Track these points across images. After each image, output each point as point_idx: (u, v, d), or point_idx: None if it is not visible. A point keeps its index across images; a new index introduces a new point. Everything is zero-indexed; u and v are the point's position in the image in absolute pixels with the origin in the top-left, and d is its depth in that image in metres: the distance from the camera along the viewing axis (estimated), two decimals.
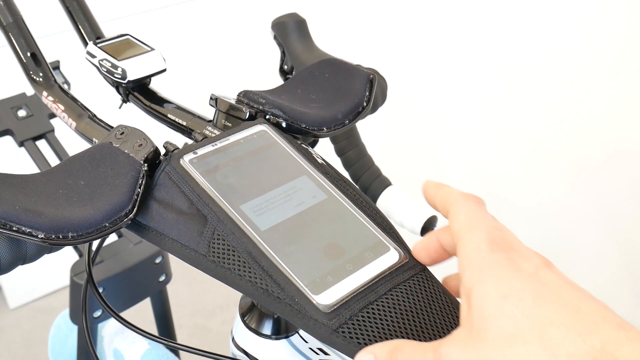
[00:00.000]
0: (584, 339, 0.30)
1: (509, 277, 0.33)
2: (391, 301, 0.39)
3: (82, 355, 0.82)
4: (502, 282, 0.32)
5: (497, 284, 0.32)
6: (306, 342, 0.52)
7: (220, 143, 0.48)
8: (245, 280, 0.40)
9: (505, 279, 0.33)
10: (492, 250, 0.34)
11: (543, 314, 0.31)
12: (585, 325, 0.30)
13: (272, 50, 0.70)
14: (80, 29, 0.66)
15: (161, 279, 0.85)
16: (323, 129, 0.52)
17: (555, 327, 0.30)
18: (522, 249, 0.35)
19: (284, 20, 0.67)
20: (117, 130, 0.48)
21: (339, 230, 0.43)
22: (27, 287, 1.83)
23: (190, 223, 0.42)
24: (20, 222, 0.39)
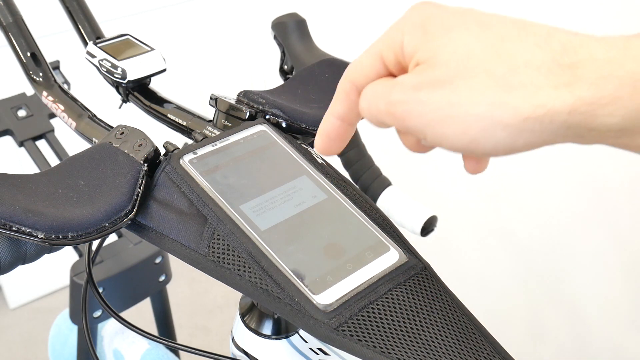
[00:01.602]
0: (541, 46, 0.29)
1: (447, 17, 0.31)
2: (391, 301, 0.39)
3: (82, 355, 0.82)
4: (443, 21, 0.31)
5: (439, 24, 0.31)
6: (306, 342, 0.52)
7: (220, 143, 0.48)
8: (245, 280, 0.40)
9: (444, 18, 0.31)
10: (419, 10, 0.32)
11: (492, 34, 0.30)
12: (538, 36, 0.29)
13: (272, 50, 0.70)
14: (80, 29, 0.66)
15: (161, 279, 0.85)
16: None
17: (508, 42, 0.29)
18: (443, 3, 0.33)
19: (284, 20, 0.67)
20: (117, 130, 0.48)
21: (339, 230, 0.43)
22: (27, 287, 1.83)
23: (190, 223, 0.42)
24: (20, 222, 0.39)
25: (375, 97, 0.33)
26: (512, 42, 0.29)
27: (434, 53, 0.30)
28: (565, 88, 0.28)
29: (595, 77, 0.27)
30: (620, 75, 0.27)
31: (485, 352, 0.38)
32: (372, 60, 0.34)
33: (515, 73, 0.28)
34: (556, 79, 0.28)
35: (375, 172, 0.73)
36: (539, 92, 0.28)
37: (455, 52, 0.30)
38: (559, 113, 0.28)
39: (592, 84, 0.27)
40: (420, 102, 0.30)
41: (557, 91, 0.28)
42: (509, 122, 0.28)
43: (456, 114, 0.29)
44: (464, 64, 0.30)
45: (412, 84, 0.31)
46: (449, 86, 0.30)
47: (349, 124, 0.36)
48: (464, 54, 0.30)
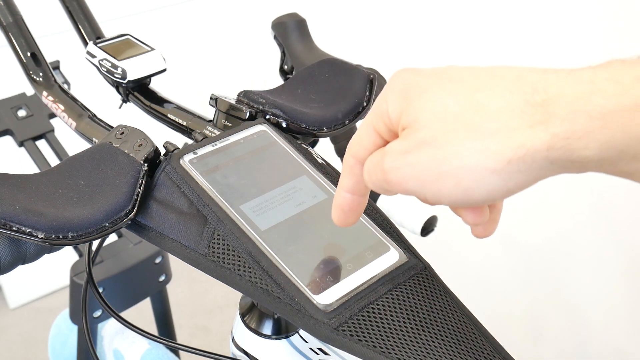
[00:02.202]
0: (511, 89, 0.30)
1: (423, 80, 0.33)
2: (391, 301, 0.39)
3: (82, 355, 0.82)
4: (419, 84, 0.32)
5: (416, 87, 0.32)
6: (306, 342, 0.52)
7: (220, 143, 0.48)
8: (245, 280, 0.40)
9: (421, 82, 0.33)
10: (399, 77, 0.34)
11: (465, 88, 0.31)
12: (508, 81, 0.30)
13: (272, 50, 0.70)
14: (80, 29, 0.66)
15: (161, 279, 0.85)
16: (323, 129, 0.52)
17: (480, 92, 0.30)
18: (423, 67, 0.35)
19: (284, 20, 0.67)
20: (117, 130, 0.48)
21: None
22: (27, 287, 1.82)
23: (190, 223, 0.42)
24: (20, 222, 0.39)
25: (373, 169, 0.34)
26: (484, 91, 0.30)
27: (415, 116, 0.32)
28: (539, 126, 0.28)
29: (566, 113, 0.28)
30: (588, 109, 0.27)
31: (485, 352, 0.38)
32: (367, 134, 0.35)
33: (490, 120, 0.29)
34: (530, 118, 0.29)
35: None
36: (516, 134, 0.29)
37: (433, 111, 0.31)
38: (538, 151, 0.28)
39: (564, 120, 0.28)
40: (410, 165, 0.32)
41: (532, 129, 0.28)
42: (495, 167, 0.29)
43: (445, 169, 0.30)
44: (443, 121, 0.31)
45: (400, 149, 0.32)
46: (433, 144, 0.31)
47: (360, 195, 0.37)
48: (441, 111, 0.31)
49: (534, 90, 0.29)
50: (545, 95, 0.29)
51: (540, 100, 0.28)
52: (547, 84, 0.29)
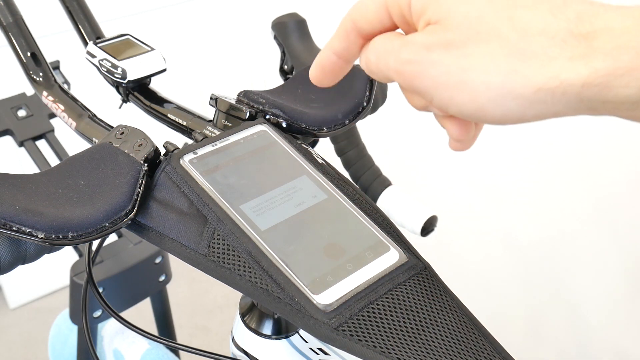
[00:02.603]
0: (555, 14, 0.28)
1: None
2: (392, 301, 0.39)
3: (82, 355, 0.82)
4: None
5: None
6: (306, 342, 0.52)
7: (220, 143, 0.48)
8: (245, 280, 0.40)
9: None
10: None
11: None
12: (554, 3, 0.28)
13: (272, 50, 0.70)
14: (80, 29, 0.66)
15: (161, 279, 0.85)
16: (323, 129, 0.52)
17: (522, 9, 0.29)
18: None
19: (284, 20, 0.67)
20: (117, 130, 0.48)
21: (339, 230, 0.43)
22: (27, 287, 1.83)
23: (190, 223, 0.42)
24: (20, 222, 0.39)
25: (385, 53, 0.32)
26: (526, 8, 0.29)
27: (446, 14, 0.30)
28: (580, 60, 0.27)
29: (611, 48, 0.26)
30: (635, 45, 0.26)
31: (485, 352, 0.38)
32: (377, 7, 0.33)
33: (528, 41, 0.28)
34: (571, 49, 0.27)
35: (375, 172, 0.73)
36: (553, 63, 0.27)
37: (467, 14, 0.29)
38: (572, 85, 0.27)
39: (607, 55, 0.26)
40: (432, 63, 0.30)
41: (571, 63, 0.27)
42: (520, 93, 0.28)
43: (467, 79, 0.29)
44: (477, 29, 0.29)
45: (423, 43, 0.30)
46: (462, 50, 0.29)
47: (345, 61, 0.36)
48: (477, 17, 0.29)
49: (579, 19, 0.27)
50: (591, 27, 0.27)
51: (585, 32, 0.27)
52: (594, 16, 0.27)
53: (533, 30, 0.28)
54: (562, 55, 0.27)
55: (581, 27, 0.27)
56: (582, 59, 0.27)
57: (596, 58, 0.27)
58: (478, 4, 0.29)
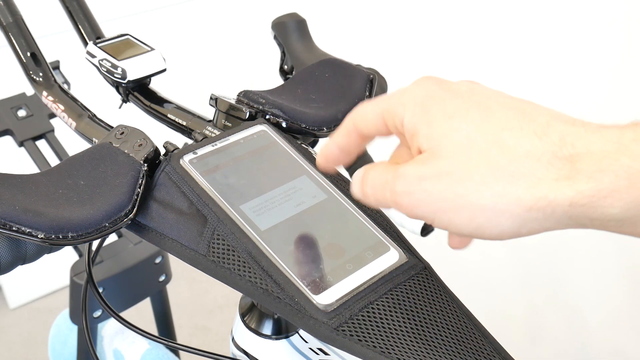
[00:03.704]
0: (540, 136, 0.30)
1: (449, 99, 0.33)
2: (391, 301, 0.39)
3: (82, 355, 0.82)
4: (444, 105, 0.32)
5: (440, 108, 0.32)
6: (306, 342, 0.52)
7: (220, 143, 0.48)
8: (245, 280, 0.40)
9: (446, 101, 0.32)
10: (422, 86, 0.34)
11: (493, 122, 0.31)
12: (538, 124, 0.30)
13: (272, 50, 0.70)
14: (80, 29, 0.66)
15: (161, 279, 0.85)
16: (323, 129, 0.52)
17: (508, 131, 0.30)
18: (447, 80, 0.35)
19: (284, 20, 0.67)
20: (117, 130, 0.48)
21: (339, 230, 0.43)
22: (27, 287, 1.82)
23: (190, 223, 0.42)
24: (20, 222, 0.39)
25: (381, 187, 0.34)
26: (512, 130, 0.30)
27: (438, 142, 0.32)
28: (565, 181, 0.29)
29: (593, 171, 0.28)
30: (615, 169, 0.28)
31: (485, 352, 0.38)
32: (375, 116, 0.36)
33: (516, 163, 0.29)
34: (556, 171, 0.29)
35: None
36: (541, 184, 0.29)
37: (457, 142, 0.31)
38: (560, 205, 0.29)
39: (590, 178, 0.28)
40: (426, 192, 0.32)
41: (557, 184, 0.29)
42: (513, 212, 0.29)
43: (463, 203, 0.31)
44: (467, 155, 0.31)
45: (416, 175, 0.32)
46: (453, 177, 0.31)
47: (347, 154, 0.39)
48: (466, 145, 0.31)
49: (563, 142, 0.29)
50: (573, 150, 0.29)
51: (568, 155, 0.29)
52: (576, 139, 0.29)
53: (520, 153, 0.30)
54: (549, 176, 0.29)
55: (564, 150, 0.29)
56: (567, 181, 0.28)
57: (580, 180, 0.28)
58: (467, 131, 0.31)
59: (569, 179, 0.28)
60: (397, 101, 0.34)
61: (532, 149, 0.29)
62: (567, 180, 0.28)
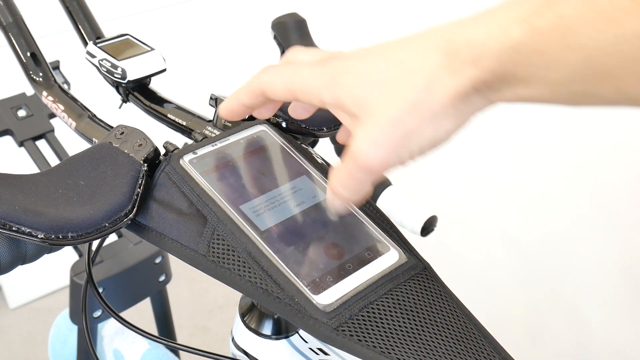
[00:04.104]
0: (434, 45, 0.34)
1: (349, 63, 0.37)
2: (391, 301, 0.39)
3: (82, 355, 0.82)
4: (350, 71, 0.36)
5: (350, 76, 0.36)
6: (306, 342, 0.52)
7: (220, 143, 0.48)
8: (245, 281, 0.40)
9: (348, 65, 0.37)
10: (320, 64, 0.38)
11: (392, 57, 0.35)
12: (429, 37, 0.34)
13: (272, 50, 0.70)
14: (80, 29, 0.66)
15: (161, 279, 0.85)
16: (323, 129, 0.52)
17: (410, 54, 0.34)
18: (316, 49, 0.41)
19: (284, 20, 0.67)
20: (117, 130, 0.48)
21: (339, 230, 0.43)
22: (27, 287, 1.82)
23: (190, 223, 0.42)
24: (20, 222, 0.39)
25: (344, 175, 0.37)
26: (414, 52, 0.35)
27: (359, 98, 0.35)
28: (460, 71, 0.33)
29: (472, 55, 0.32)
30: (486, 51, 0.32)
31: (485, 352, 0.38)
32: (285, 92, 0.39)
33: (420, 75, 0.34)
34: (451, 66, 0.33)
35: None
36: (447, 82, 0.33)
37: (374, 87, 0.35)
38: (467, 92, 0.33)
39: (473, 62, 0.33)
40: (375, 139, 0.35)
41: (455, 75, 0.33)
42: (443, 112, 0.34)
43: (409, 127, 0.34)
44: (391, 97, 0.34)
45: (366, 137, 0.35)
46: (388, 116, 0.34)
47: (251, 109, 0.43)
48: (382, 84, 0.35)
49: (449, 42, 0.33)
50: (456, 44, 0.33)
51: (453, 50, 0.33)
52: (456, 35, 0.33)
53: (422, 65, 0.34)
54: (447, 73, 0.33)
55: (450, 47, 0.33)
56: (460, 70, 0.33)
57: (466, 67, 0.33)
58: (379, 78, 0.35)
59: (460, 68, 0.33)
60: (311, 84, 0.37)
61: (430, 57, 0.34)
62: (460, 70, 0.33)
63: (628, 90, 0.30)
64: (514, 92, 0.33)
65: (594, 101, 0.32)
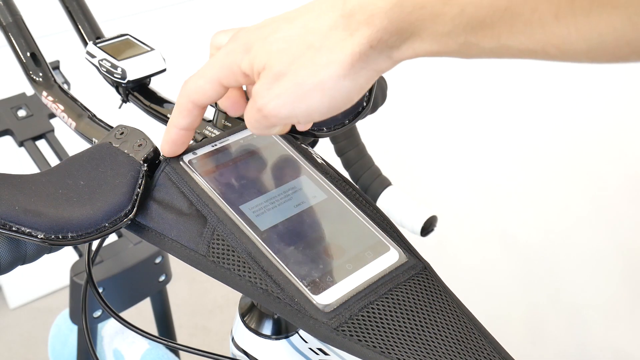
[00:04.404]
0: (332, 9, 0.36)
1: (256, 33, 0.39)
2: (391, 301, 0.39)
3: (82, 355, 0.82)
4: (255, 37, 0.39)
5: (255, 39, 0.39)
6: (306, 342, 0.52)
7: (220, 143, 0.48)
8: (245, 281, 0.40)
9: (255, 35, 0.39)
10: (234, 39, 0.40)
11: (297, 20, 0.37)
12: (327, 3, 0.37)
13: None
14: (80, 29, 0.66)
15: (161, 279, 0.85)
16: (323, 129, 0.52)
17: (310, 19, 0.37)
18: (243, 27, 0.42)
19: None
20: (116, 130, 0.48)
21: (339, 230, 0.43)
22: (27, 287, 1.82)
23: (190, 223, 0.42)
24: (20, 222, 0.39)
25: (250, 114, 0.39)
26: (312, 16, 0.37)
27: (266, 57, 0.37)
28: (356, 32, 0.35)
29: (366, 16, 0.35)
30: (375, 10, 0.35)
31: (485, 352, 0.38)
32: (212, 85, 0.40)
33: (325, 38, 0.36)
34: (349, 28, 0.35)
35: (375, 172, 0.73)
36: (346, 43, 0.35)
37: (278, 47, 0.37)
38: (364, 51, 0.35)
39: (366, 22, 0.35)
40: (277, 96, 0.37)
41: (352, 37, 0.35)
42: (343, 73, 0.35)
43: (307, 88, 0.36)
44: (289, 51, 0.36)
45: (264, 87, 0.37)
46: (290, 73, 0.36)
47: (193, 130, 0.44)
48: (285, 44, 0.37)
49: (344, 3, 0.35)
50: (351, 6, 0.35)
51: (349, 11, 0.35)
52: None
53: (324, 29, 0.36)
54: (346, 35, 0.35)
55: (345, 9, 0.36)
56: (357, 31, 0.35)
57: (362, 27, 0.35)
58: (281, 35, 0.37)
59: (357, 29, 0.35)
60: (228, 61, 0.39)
61: (330, 22, 0.36)
62: (357, 31, 0.35)
63: (504, 40, 0.32)
64: (411, 48, 0.35)
65: (479, 52, 0.33)
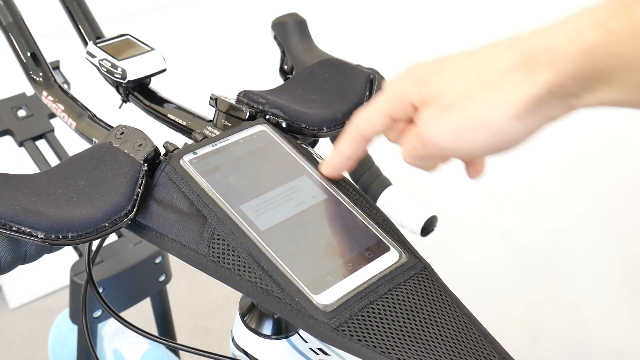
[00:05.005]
0: (511, 50, 0.35)
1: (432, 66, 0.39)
2: (391, 301, 0.39)
3: (82, 355, 0.82)
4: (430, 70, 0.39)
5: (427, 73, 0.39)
6: (306, 342, 0.52)
7: (220, 143, 0.48)
8: (245, 280, 0.40)
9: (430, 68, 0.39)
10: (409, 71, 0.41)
11: (474, 57, 0.37)
12: (507, 44, 0.36)
13: (272, 50, 0.70)
14: (80, 29, 0.66)
15: (161, 279, 0.85)
16: (323, 129, 0.52)
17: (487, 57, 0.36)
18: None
19: (284, 20, 0.67)
20: (117, 130, 0.48)
21: (339, 230, 0.43)
22: (27, 287, 1.82)
23: (190, 223, 0.42)
24: (20, 222, 0.39)
25: (410, 141, 0.40)
26: (490, 55, 0.36)
27: (438, 87, 0.38)
28: (537, 75, 0.34)
29: (548, 60, 0.34)
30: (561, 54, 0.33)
31: (485, 352, 0.38)
32: (380, 117, 0.41)
33: (501, 77, 0.35)
34: (529, 70, 0.34)
35: (375, 172, 0.73)
36: (523, 85, 0.34)
37: (451, 79, 0.37)
38: (541, 95, 0.34)
39: (549, 66, 0.34)
40: (443, 126, 0.37)
41: (532, 79, 0.34)
42: (514, 114, 0.35)
43: (475, 123, 0.36)
44: (462, 84, 0.36)
45: (431, 115, 0.38)
46: (459, 104, 0.36)
47: (355, 161, 0.45)
48: (459, 77, 0.37)
49: (527, 46, 0.35)
50: (533, 48, 0.34)
51: (531, 53, 0.34)
52: (534, 39, 0.35)
53: (501, 68, 0.35)
54: (525, 77, 0.34)
55: (528, 51, 0.35)
56: (538, 74, 0.34)
57: (543, 70, 0.34)
58: (455, 69, 0.37)
59: (538, 72, 0.34)
60: (397, 91, 0.40)
61: (508, 62, 0.35)
62: (538, 73, 0.34)
63: None
64: (595, 96, 0.33)
65: None
